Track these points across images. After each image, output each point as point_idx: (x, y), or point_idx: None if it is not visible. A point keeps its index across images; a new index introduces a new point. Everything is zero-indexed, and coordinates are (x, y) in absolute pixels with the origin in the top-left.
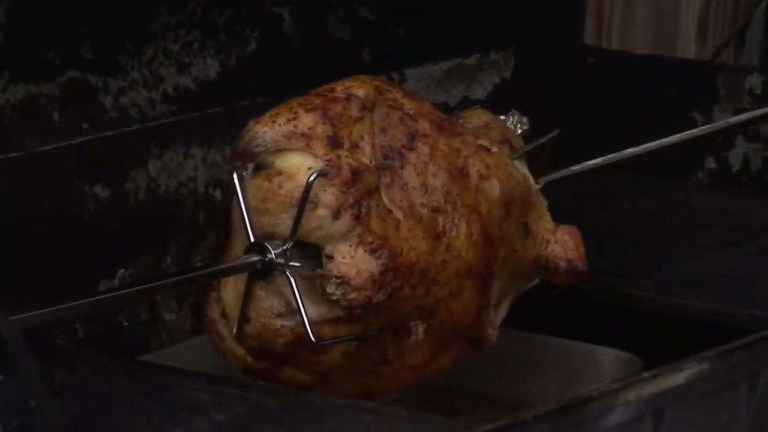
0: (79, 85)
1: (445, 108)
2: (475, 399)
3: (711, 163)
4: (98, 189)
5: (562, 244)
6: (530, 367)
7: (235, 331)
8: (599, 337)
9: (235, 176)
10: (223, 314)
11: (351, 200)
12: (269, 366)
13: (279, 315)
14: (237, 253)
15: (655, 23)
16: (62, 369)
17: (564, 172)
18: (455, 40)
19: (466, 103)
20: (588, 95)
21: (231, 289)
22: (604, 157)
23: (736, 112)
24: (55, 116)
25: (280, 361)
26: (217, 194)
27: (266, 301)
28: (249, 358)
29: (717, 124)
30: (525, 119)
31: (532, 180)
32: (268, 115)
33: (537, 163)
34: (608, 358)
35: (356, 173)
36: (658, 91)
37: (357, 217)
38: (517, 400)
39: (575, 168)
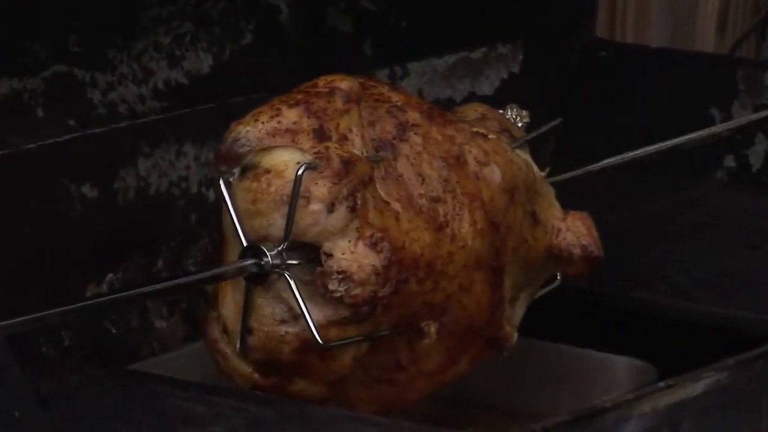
0: (66, 79)
1: (450, 104)
2: (487, 409)
3: (730, 161)
4: (86, 189)
5: (574, 231)
6: (543, 375)
7: (238, 345)
8: (612, 345)
9: (221, 182)
10: (225, 331)
11: (345, 192)
12: (278, 380)
13: (282, 321)
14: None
15: (672, 15)
16: (48, 378)
17: (579, 171)
18: (461, 33)
19: (472, 99)
20: (600, 91)
21: (230, 303)
22: (619, 156)
23: (757, 109)
24: (40, 112)
25: (288, 373)
26: (210, 194)
27: (267, 309)
28: (256, 375)
29: (736, 121)
30: (525, 112)
31: (536, 167)
32: (250, 114)
33: (541, 154)
34: (622, 366)
35: (347, 164)
36: (675, 87)
37: (353, 210)
38: (530, 410)
39: (591, 167)
